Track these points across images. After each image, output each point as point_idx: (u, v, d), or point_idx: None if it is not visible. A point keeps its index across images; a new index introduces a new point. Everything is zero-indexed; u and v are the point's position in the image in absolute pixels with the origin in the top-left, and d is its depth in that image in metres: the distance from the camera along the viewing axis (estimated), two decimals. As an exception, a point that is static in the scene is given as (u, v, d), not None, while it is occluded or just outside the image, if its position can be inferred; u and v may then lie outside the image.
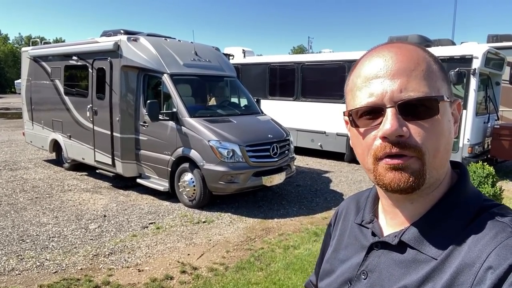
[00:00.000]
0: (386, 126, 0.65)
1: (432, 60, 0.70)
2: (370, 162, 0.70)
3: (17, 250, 4.53)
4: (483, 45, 8.94)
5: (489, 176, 4.23)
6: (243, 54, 12.54)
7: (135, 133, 6.93)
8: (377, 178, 0.70)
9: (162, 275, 4.00)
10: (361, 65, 0.73)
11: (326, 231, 1.01)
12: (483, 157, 8.51)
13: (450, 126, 0.70)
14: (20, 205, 6.16)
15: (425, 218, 0.71)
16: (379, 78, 0.68)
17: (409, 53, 0.69)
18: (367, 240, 0.80)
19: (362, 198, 0.92)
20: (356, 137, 0.73)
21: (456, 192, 0.72)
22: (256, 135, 6.36)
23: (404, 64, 0.67)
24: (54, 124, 8.64)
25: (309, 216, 6.04)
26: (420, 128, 0.66)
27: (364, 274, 0.76)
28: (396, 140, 0.66)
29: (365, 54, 0.75)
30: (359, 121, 0.70)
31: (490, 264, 0.59)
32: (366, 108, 0.69)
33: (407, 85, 0.66)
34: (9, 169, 8.61)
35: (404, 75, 0.66)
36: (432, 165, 0.67)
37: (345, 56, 10.13)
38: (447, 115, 0.69)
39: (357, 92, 0.71)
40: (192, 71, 7.00)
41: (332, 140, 10.21)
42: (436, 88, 0.67)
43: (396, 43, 0.72)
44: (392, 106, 0.66)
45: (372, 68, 0.69)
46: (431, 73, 0.68)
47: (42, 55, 8.91)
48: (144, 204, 6.38)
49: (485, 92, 8.79)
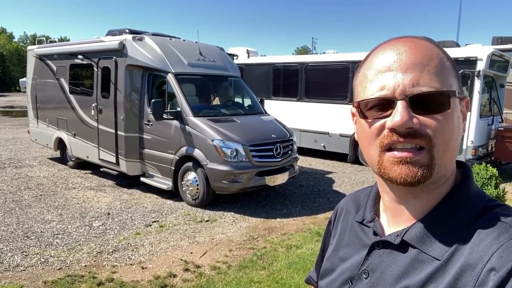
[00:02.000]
0: (396, 118, 0.65)
1: (445, 57, 0.70)
2: (376, 154, 0.69)
3: (22, 247, 4.57)
4: (488, 47, 8.92)
5: (493, 178, 4.23)
6: (247, 54, 12.55)
7: (139, 132, 6.96)
8: (382, 171, 0.69)
9: (165, 273, 4.03)
10: (373, 57, 0.72)
11: (326, 229, 1.01)
12: (487, 159, 8.50)
13: (459, 122, 0.69)
14: (25, 202, 6.21)
15: (427, 217, 0.70)
16: (392, 71, 0.67)
17: (423, 48, 0.68)
18: (369, 239, 0.79)
19: (362, 195, 0.91)
20: (362, 129, 0.72)
21: (460, 191, 0.71)
22: (260, 135, 6.39)
23: (417, 59, 0.67)
24: (59, 122, 8.69)
25: (312, 216, 6.05)
26: (432, 120, 0.65)
27: (366, 273, 0.75)
28: (405, 131, 0.65)
29: (377, 46, 0.74)
30: (368, 112, 0.69)
31: (493, 265, 0.59)
32: (377, 100, 0.68)
33: (420, 79, 0.65)
34: (14, 166, 8.68)
35: (417, 69, 0.66)
36: (441, 160, 0.66)
37: (348, 57, 10.13)
38: (457, 111, 0.69)
39: (368, 84, 0.70)
40: (196, 70, 7.03)
41: (335, 141, 10.22)
42: (448, 84, 0.67)
43: (410, 37, 0.71)
44: (403, 99, 0.65)
45: (385, 61, 0.69)
46: (444, 69, 0.68)
47: (47, 54, 8.97)
48: (148, 203, 6.41)
49: (489, 94, 8.77)
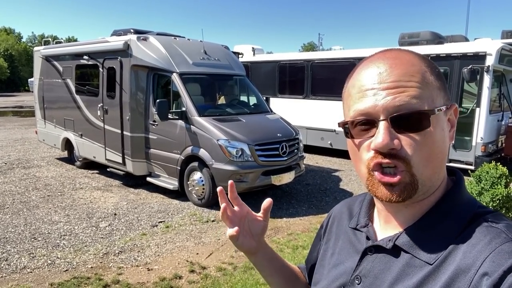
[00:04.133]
0: (378, 140, 0.66)
1: (429, 70, 0.70)
2: (365, 172, 0.71)
3: (29, 248, 4.60)
4: (497, 42, 8.75)
5: (502, 177, 4.14)
6: (253, 52, 12.50)
7: (145, 132, 6.97)
8: (370, 188, 0.72)
9: (171, 274, 4.03)
10: (357, 74, 0.73)
11: (317, 232, 1.01)
12: (497, 156, 8.35)
13: (443, 135, 0.70)
14: (33, 203, 6.26)
15: (419, 223, 0.71)
16: (373, 89, 0.68)
17: (404, 65, 0.68)
18: (361, 244, 0.79)
19: (356, 203, 0.92)
20: (351, 147, 0.75)
21: (450, 198, 0.72)
22: (265, 134, 6.35)
23: (398, 77, 0.67)
24: (66, 122, 8.74)
25: (319, 215, 6.01)
26: (411, 140, 0.66)
27: (358, 279, 0.75)
28: (388, 152, 0.67)
29: (361, 62, 0.75)
30: (354, 131, 0.71)
31: (485, 270, 0.59)
32: (359, 121, 0.70)
33: (401, 97, 0.66)
34: (22, 167, 8.76)
35: (397, 87, 0.66)
36: (423, 176, 0.67)
37: (354, 53, 10.03)
38: (441, 125, 0.69)
39: (351, 103, 0.72)
40: (201, 70, 7.01)
41: (342, 138, 10.02)
42: (431, 99, 0.67)
43: (393, 51, 0.72)
44: (384, 119, 0.66)
45: (366, 79, 0.70)
46: (426, 85, 0.68)
47: (53, 55, 9.02)
48: (154, 203, 6.42)
49: (499, 89, 8.62)
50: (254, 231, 0.92)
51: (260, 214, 0.93)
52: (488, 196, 3.99)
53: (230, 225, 0.91)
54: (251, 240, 0.92)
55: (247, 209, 0.93)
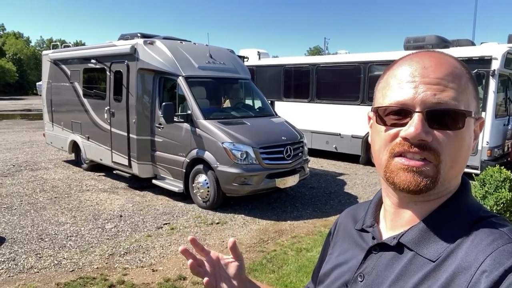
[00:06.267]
0: (410, 129, 0.67)
1: (469, 77, 0.72)
2: (385, 158, 0.72)
3: (36, 249, 4.67)
4: (503, 46, 8.72)
5: (507, 181, 4.13)
6: (258, 56, 12.55)
7: (150, 135, 7.04)
8: (388, 175, 0.72)
9: (176, 276, 4.06)
10: (399, 66, 0.74)
11: (326, 240, 1.02)
12: (503, 160, 8.30)
13: (470, 142, 0.71)
14: (40, 205, 6.34)
15: (424, 222, 0.72)
16: (415, 82, 0.69)
17: (449, 66, 0.70)
18: (366, 243, 0.81)
19: (360, 208, 0.93)
20: (377, 133, 0.75)
21: (458, 199, 0.73)
22: (270, 137, 6.38)
23: (442, 75, 0.69)
24: (73, 125, 8.85)
25: (323, 218, 6.02)
26: (444, 136, 0.68)
27: (361, 276, 0.77)
28: (417, 143, 0.68)
29: (404, 57, 0.76)
30: (385, 118, 0.72)
31: (486, 268, 0.61)
32: (395, 108, 0.70)
33: (440, 95, 0.67)
34: (30, 169, 8.87)
35: (440, 85, 0.68)
36: (446, 175, 0.69)
37: (360, 57, 10.05)
38: (470, 131, 0.71)
39: (389, 92, 0.72)
40: (207, 73, 7.07)
41: (347, 142, 10.14)
42: (467, 103, 0.69)
43: (438, 52, 0.74)
44: (420, 111, 0.67)
45: (409, 72, 0.71)
46: (466, 89, 0.70)
47: (61, 58, 9.15)
48: (159, 205, 6.47)
49: (505, 93, 8.58)
50: (231, 274, 0.90)
51: (230, 256, 0.91)
52: (492, 200, 3.99)
53: (204, 276, 0.89)
54: (232, 283, 0.89)
55: (216, 255, 0.91)
